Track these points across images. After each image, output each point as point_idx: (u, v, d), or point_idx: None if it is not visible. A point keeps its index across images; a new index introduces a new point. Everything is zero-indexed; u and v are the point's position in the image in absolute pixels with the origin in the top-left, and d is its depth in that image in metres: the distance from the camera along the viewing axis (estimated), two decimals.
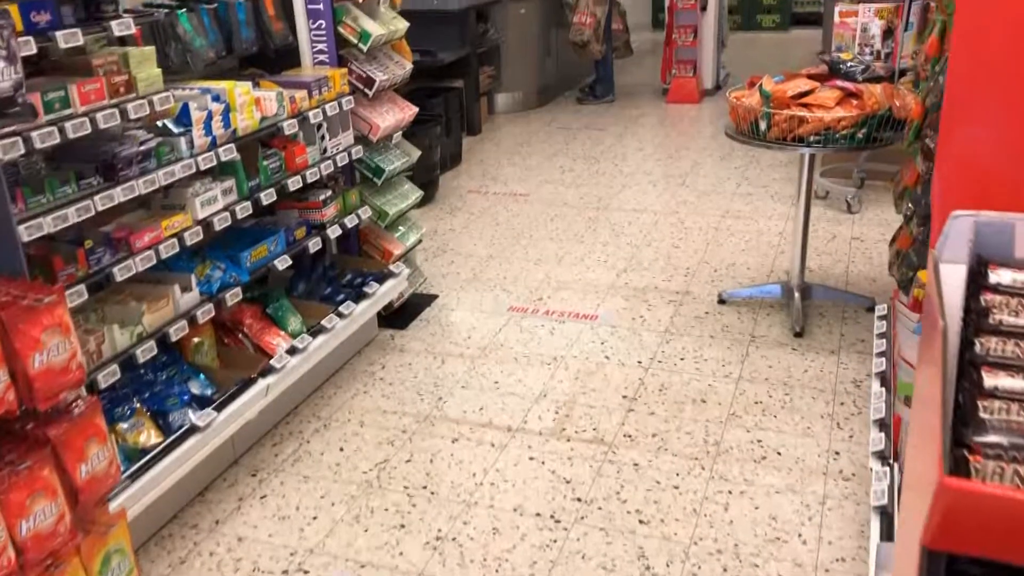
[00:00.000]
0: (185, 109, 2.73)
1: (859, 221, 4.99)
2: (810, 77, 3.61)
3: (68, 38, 2.28)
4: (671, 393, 3.36)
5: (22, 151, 2.15)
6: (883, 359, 2.79)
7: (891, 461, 2.30)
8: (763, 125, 3.49)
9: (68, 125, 2.27)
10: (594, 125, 7.41)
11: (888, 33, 4.71)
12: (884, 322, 3.05)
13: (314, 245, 3.38)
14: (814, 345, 3.66)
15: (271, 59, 3.46)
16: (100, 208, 2.39)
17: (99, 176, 2.48)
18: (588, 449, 3.05)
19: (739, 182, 5.74)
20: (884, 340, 2.91)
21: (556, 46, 8.17)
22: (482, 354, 3.74)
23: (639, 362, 3.60)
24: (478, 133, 7.20)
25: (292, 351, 3.13)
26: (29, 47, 2.14)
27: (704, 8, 7.70)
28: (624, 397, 3.35)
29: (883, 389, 2.62)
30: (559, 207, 5.49)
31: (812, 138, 3.42)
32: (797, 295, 3.86)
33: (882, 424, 2.46)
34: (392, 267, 3.80)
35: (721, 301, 4.07)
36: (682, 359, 3.60)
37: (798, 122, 3.41)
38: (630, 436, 3.11)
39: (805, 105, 3.46)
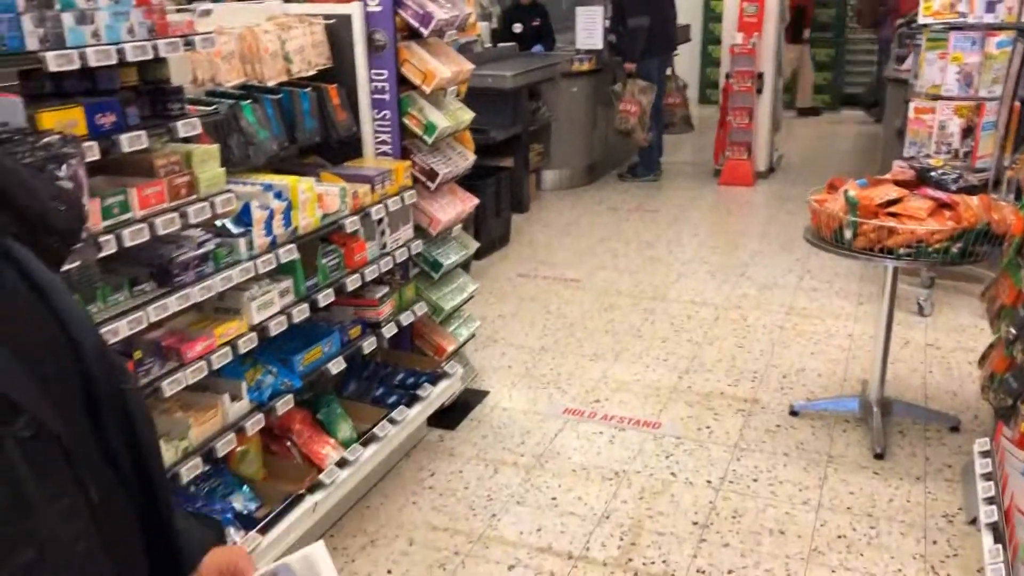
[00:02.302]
0: (246, 209, 2.58)
1: (932, 325, 4.74)
2: (897, 183, 3.41)
3: (132, 141, 2.14)
4: (746, 521, 3.10)
5: (77, 263, 1.99)
6: (993, 507, 2.53)
7: None
8: (848, 234, 3.28)
9: (126, 232, 2.13)
10: (646, 206, 7.25)
11: (968, 132, 4.52)
12: (988, 460, 2.79)
13: (368, 345, 3.20)
14: (897, 469, 3.39)
15: (333, 149, 3.33)
16: (153, 319, 2.23)
17: (154, 282, 2.32)
18: None
19: (801, 275, 5.51)
20: (991, 483, 2.65)
21: (606, 124, 8.06)
22: (537, 463, 3.51)
23: (709, 482, 3.35)
24: (526, 211, 7.06)
25: (342, 463, 2.93)
26: (93, 152, 2.01)
27: (760, 91, 7.57)
28: (695, 524, 3.10)
29: (998, 546, 2.36)
30: (613, 296, 5.29)
31: (902, 251, 3.20)
32: (877, 411, 3.60)
33: None
34: (446, 366, 3.60)
35: (793, 413, 3.82)
36: (755, 480, 3.35)
37: (887, 233, 3.20)
38: (703, 572, 2.85)
39: (894, 214, 3.25)
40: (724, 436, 3.67)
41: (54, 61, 1.96)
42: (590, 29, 7.76)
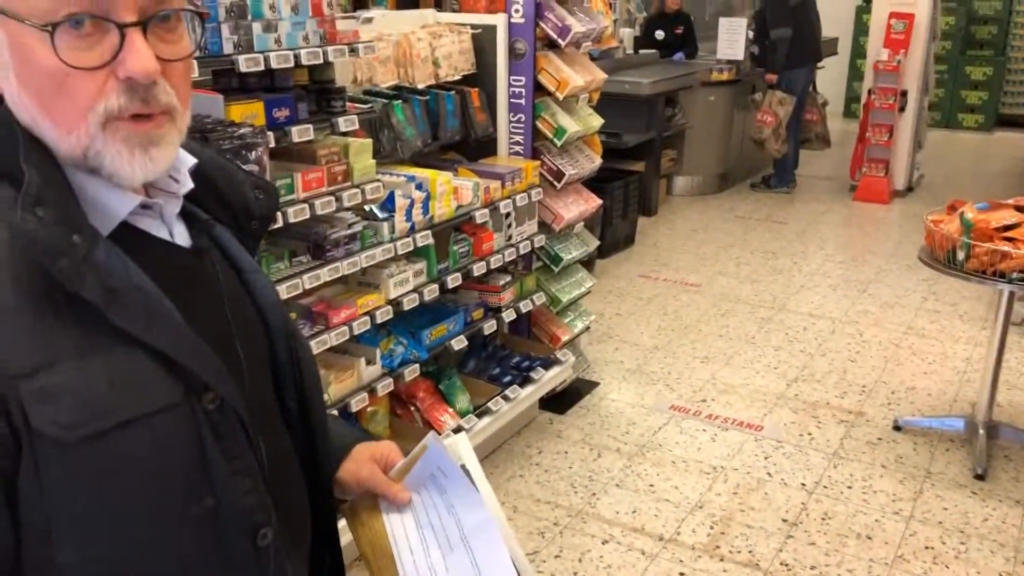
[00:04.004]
0: (391, 196, 2.92)
1: None
2: (1018, 209, 3.43)
3: (301, 133, 2.50)
4: (835, 524, 3.23)
5: None
6: None
7: None
8: (961, 255, 3.34)
9: (290, 211, 2.49)
10: (775, 217, 7.29)
11: None
12: None
13: (489, 327, 3.50)
14: (996, 491, 3.43)
15: (471, 146, 3.65)
16: (307, 287, 2.59)
17: (309, 255, 2.69)
18: (741, 573, 2.97)
19: (926, 296, 5.48)
20: None
21: (741, 134, 8.12)
22: (639, 452, 3.72)
23: (803, 484, 3.48)
24: (654, 214, 7.23)
25: (458, 430, 3.24)
26: (269, 141, 2.37)
27: (903, 109, 7.46)
28: (784, 521, 3.25)
29: None
30: (731, 302, 5.41)
31: (1015, 275, 3.24)
32: (982, 433, 3.62)
33: None
34: (559, 354, 3.87)
35: (897, 428, 3.88)
36: (850, 487, 3.46)
37: (1000, 256, 3.24)
38: (787, 565, 3.00)
39: (1010, 239, 3.29)
40: (824, 443, 3.78)
41: (244, 63, 2.34)
42: (732, 39, 7.82)
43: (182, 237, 1.00)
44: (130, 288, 0.87)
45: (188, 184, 0.98)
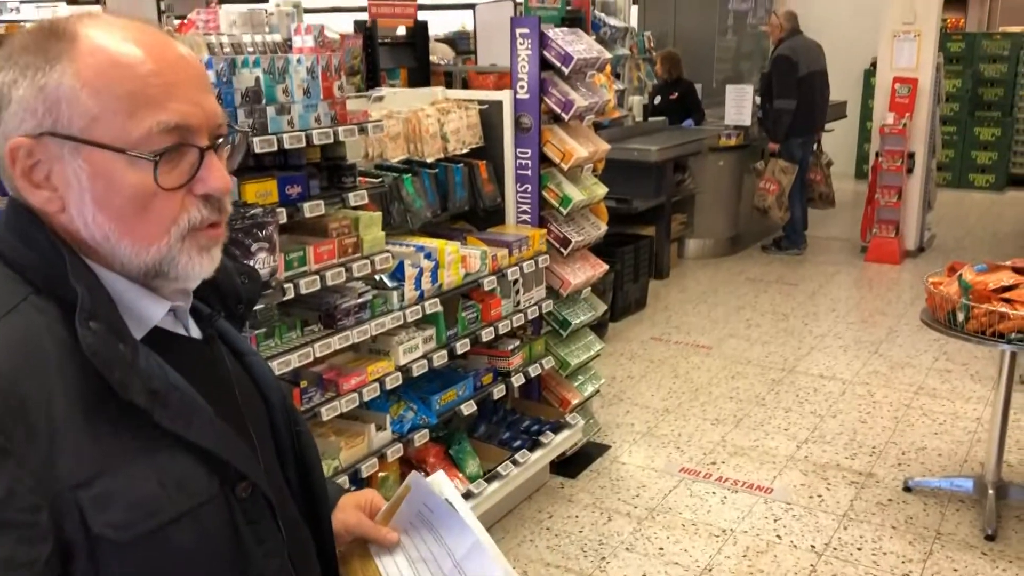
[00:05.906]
0: (400, 266, 3.03)
1: None
2: (1015, 271, 3.49)
3: (313, 208, 2.63)
4: None
5: (261, 305, 2.47)
6: None
7: None
8: (961, 316, 3.40)
9: (302, 282, 2.60)
10: (786, 279, 7.35)
11: None
12: None
13: (498, 392, 3.57)
14: (1007, 552, 3.42)
15: (479, 216, 3.77)
16: (319, 355, 2.69)
17: (320, 324, 2.79)
18: None
19: (937, 356, 5.50)
20: None
21: (751, 197, 8.23)
22: (649, 516, 3.75)
23: (812, 547, 3.48)
24: (665, 277, 7.32)
25: (467, 496, 3.29)
26: (281, 217, 2.49)
27: (911, 170, 7.56)
28: None
29: None
30: (742, 364, 5.46)
31: (1014, 335, 3.29)
32: (991, 493, 3.63)
33: None
34: (569, 417, 3.92)
35: (907, 488, 3.89)
36: (859, 549, 3.46)
37: (999, 317, 3.30)
38: None
39: (1008, 300, 3.34)
40: (834, 505, 3.79)
41: (259, 144, 2.48)
42: (739, 106, 7.99)
43: (194, 330, 1.07)
44: (169, 388, 0.93)
45: (197, 282, 1.05)
